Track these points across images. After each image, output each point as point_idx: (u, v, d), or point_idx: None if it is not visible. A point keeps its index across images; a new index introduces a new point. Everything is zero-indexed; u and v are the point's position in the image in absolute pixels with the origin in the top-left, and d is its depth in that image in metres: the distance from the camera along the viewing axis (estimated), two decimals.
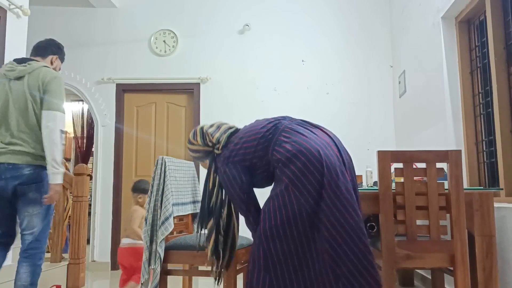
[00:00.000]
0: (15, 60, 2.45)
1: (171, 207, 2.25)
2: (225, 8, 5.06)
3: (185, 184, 2.54)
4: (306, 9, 5.01)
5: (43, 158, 2.36)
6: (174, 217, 2.41)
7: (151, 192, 2.28)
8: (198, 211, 2.67)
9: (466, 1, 3.05)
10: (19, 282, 2.35)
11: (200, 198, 2.71)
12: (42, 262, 2.45)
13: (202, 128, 2.05)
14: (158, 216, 2.24)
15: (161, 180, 2.28)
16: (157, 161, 2.29)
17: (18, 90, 2.37)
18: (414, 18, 4.02)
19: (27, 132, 2.35)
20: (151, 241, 2.22)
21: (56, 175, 2.34)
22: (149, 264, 2.20)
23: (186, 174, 2.57)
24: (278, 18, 5.01)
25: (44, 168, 2.38)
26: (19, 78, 2.38)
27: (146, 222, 2.24)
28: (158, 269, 2.17)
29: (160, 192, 2.26)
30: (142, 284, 2.21)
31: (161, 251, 2.19)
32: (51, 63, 2.61)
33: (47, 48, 2.60)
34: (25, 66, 2.39)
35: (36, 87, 2.37)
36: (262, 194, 1.91)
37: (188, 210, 2.54)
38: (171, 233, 2.47)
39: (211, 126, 2.04)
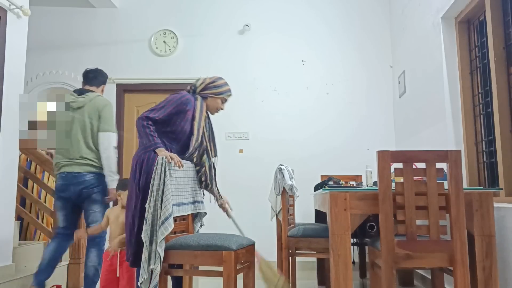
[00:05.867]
0: (75, 91, 3.07)
1: (171, 207, 2.25)
2: (225, 8, 5.07)
3: (186, 184, 2.54)
4: (306, 9, 5.02)
5: (100, 168, 2.98)
6: (174, 217, 2.41)
7: (151, 192, 2.28)
8: (198, 211, 2.68)
9: (466, 1, 3.06)
10: (90, 263, 2.94)
11: (200, 199, 2.71)
12: (105, 248, 2.97)
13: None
14: (158, 216, 2.24)
15: (161, 180, 2.27)
16: (158, 161, 2.29)
17: (80, 118, 2.98)
18: (414, 18, 4.02)
19: (87, 151, 2.96)
20: (151, 241, 2.22)
21: (112, 181, 2.98)
22: (149, 264, 2.20)
23: (187, 174, 2.57)
24: (278, 18, 5.02)
25: (101, 175, 3.00)
26: (80, 107, 2.99)
27: (145, 222, 2.24)
28: (158, 269, 2.17)
29: (160, 192, 2.26)
30: (141, 283, 2.22)
31: (161, 251, 2.19)
32: (102, 91, 3.24)
33: (98, 78, 3.17)
34: (84, 97, 3.01)
35: (93, 115, 2.98)
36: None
37: (188, 210, 2.54)
38: (173, 232, 2.48)
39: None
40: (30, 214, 4.06)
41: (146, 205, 2.28)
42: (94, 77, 3.14)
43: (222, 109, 2.78)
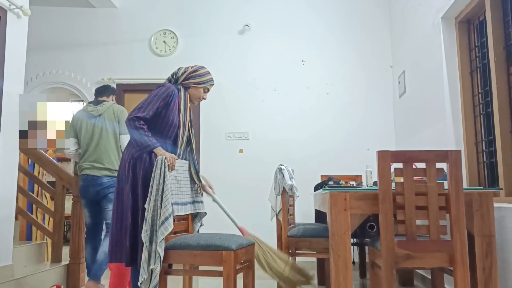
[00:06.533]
0: (91, 102, 3.42)
1: (171, 207, 2.25)
2: (225, 8, 5.07)
3: (185, 184, 2.54)
4: (306, 9, 5.02)
5: (115, 171, 3.28)
6: (174, 217, 2.41)
7: (151, 192, 2.28)
8: (198, 211, 2.67)
9: (466, 1, 3.06)
10: (102, 249, 3.17)
11: (200, 198, 2.71)
12: None
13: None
14: (158, 216, 2.24)
15: (161, 180, 2.27)
16: (157, 161, 2.29)
17: (100, 124, 3.31)
18: (414, 18, 4.02)
19: (106, 154, 3.28)
20: (151, 241, 2.22)
21: None
22: (149, 264, 2.20)
23: (186, 174, 2.57)
24: (278, 18, 5.02)
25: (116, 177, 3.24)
26: (100, 115, 3.34)
27: (145, 222, 2.24)
28: (158, 269, 2.17)
29: (160, 192, 2.26)
30: (141, 283, 2.22)
31: (161, 251, 2.19)
32: (112, 100, 3.57)
33: (107, 90, 3.54)
34: (102, 106, 3.37)
35: (112, 119, 3.33)
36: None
37: (188, 210, 2.54)
38: (173, 233, 2.47)
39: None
40: (38, 218, 4.06)
41: (146, 205, 2.27)
42: (103, 90, 3.53)
43: (204, 98, 2.72)
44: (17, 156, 3.26)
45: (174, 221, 2.48)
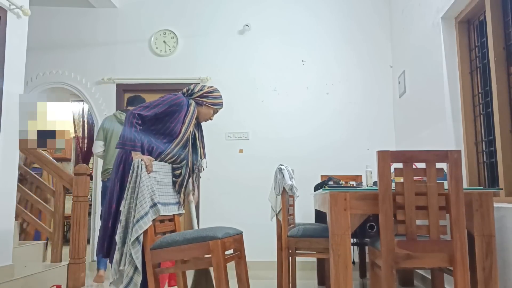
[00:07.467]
0: (122, 111, 3.80)
1: (148, 208, 2.25)
2: (225, 8, 5.07)
3: (167, 185, 2.55)
4: (306, 9, 5.02)
5: None
6: (161, 219, 2.43)
7: (126, 194, 2.28)
8: (181, 212, 2.68)
9: (466, 1, 3.06)
10: None
11: (180, 200, 2.72)
12: None
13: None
14: (132, 218, 2.24)
15: (137, 183, 2.27)
16: (134, 164, 2.29)
17: None
18: (414, 18, 4.02)
19: None
20: (123, 243, 2.23)
21: None
22: (119, 266, 2.21)
23: (168, 176, 2.57)
24: (278, 18, 5.02)
25: None
26: None
27: (120, 224, 2.25)
28: (132, 272, 2.18)
29: (135, 195, 2.26)
30: (110, 284, 2.24)
31: (134, 252, 2.18)
32: None
33: (137, 99, 3.88)
34: None
35: None
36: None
37: (173, 210, 2.55)
38: (163, 233, 2.48)
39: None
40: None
41: (121, 208, 2.28)
42: (133, 100, 3.84)
43: (211, 119, 2.85)
44: (17, 156, 3.26)
45: (163, 222, 2.48)
